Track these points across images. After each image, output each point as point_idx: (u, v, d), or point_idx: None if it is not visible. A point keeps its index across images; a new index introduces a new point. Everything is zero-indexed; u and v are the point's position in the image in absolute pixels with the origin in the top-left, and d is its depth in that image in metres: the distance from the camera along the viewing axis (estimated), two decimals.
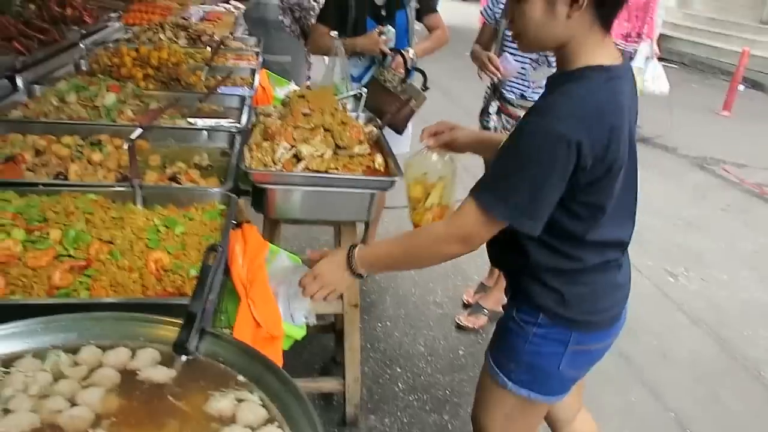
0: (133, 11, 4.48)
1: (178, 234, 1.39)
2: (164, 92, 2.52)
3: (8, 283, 1.18)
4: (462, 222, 1.28)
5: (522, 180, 1.20)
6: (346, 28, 2.93)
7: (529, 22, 1.24)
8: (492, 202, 1.23)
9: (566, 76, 1.27)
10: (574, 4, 1.18)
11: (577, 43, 1.24)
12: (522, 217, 1.23)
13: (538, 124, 1.19)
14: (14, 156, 1.72)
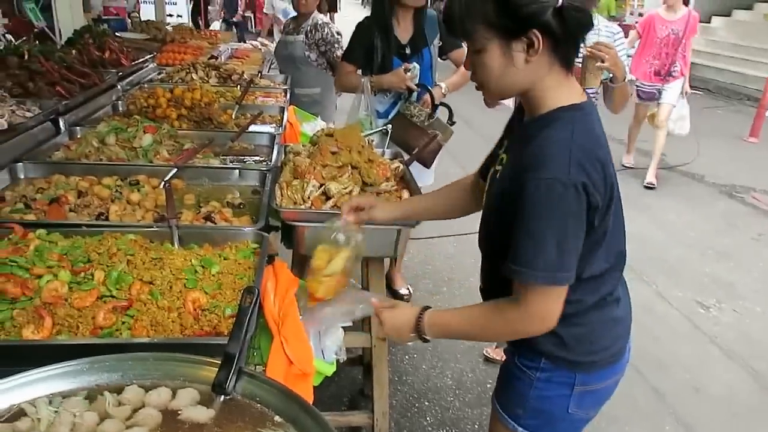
0: (167, 52, 4.67)
1: (214, 274, 1.44)
2: (197, 131, 2.62)
3: (55, 323, 1.24)
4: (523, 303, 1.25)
5: (545, 240, 1.19)
6: (372, 67, 3.01)
7: (489, 72, 1.23)
8: (528, 274, 1.21)
9: (541, 120, 1.26)
10: (530, 48, 1.18)
11: (542, 86, 1.25)
12: (557, 272, 1.21)
13: (539, 180, 1.17)
14: (58, 197, 1.81)
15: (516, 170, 1.24)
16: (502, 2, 1.16)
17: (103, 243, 1.49)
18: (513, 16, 1.16)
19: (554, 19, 1.15)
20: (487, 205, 1.42)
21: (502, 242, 1.29)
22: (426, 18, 2.98)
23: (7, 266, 1.34)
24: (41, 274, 1.33)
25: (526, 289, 1.23)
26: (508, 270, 1.23)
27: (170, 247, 1.56)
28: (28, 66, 2.75)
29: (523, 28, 1.16)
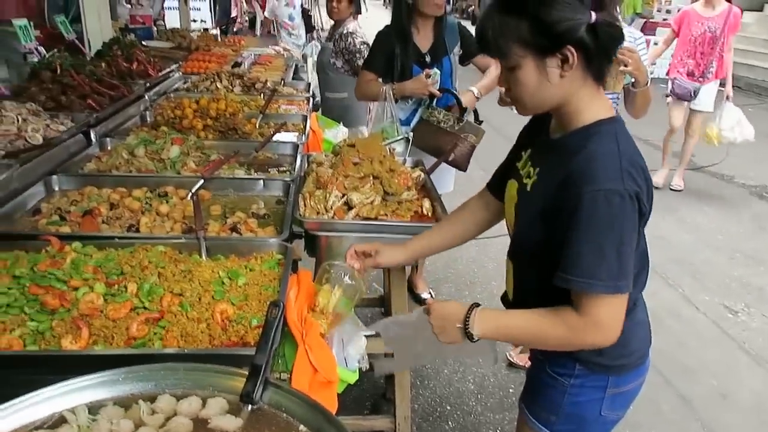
0: (192, 60, 4.77)
1: (240, 285, 1.49)
2: (222, 142, 2.69)
3: (92, 334, 1.30)
4: (586, 315, 1.25)
5: (604, 249, 1.20)
6: (393, 75, 3.04)
7: (524, 88, 1.26)
8: (590, 284, 1.22)
9: (582, 133, 1.28)
10: (565, 64, 1.21)
11: (576, 101, 1.27)
12: (618, 281, 1.22)
13: (596, 192, 1.19)
14: (91, 210, 1.88)
15: (559, 184, 1.26)
16: (536, 21, 1.18)
17: (135, 256, 1.55)
18: (547, 34, 1.19)
19: (588, 35, 1.18)
20: (521, 221, 1.42)
21: (543, 255, 1.31)
22: (446, 26, 3.00)
23: (47, 278, 1.40)
24: (78, 287, 1.40)
25: (588, 299, 1.24)
26: (563, 281, 1.24)
27: (198, 259, 1.61)
28: (60, 80, 2.85)
29: (558, 45, 1.19)
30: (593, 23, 1.18)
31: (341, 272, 1.67)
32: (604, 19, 1.20)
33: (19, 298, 1.36)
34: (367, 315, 3.37)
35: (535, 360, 1.57)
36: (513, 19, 1.20)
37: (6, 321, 1.31)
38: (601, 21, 1.19)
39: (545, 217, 1.30)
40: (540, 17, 1.18)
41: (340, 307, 1.63)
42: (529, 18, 1.19)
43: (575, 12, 1.17)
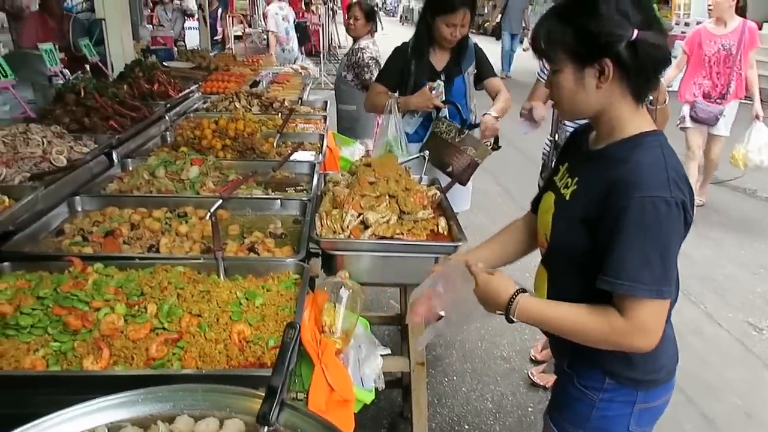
0: (211, 80, 4.86)
1: (257, 306, 1.51)
2: (241, 161, 2.73)
3: (112, 354, 1.32)
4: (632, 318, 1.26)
5: (649, 254, 1.22)
6: (405, 91, 3.07)
7: (563, 91, 1.32)
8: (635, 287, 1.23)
9: (627, 144, 1.31)
10: (601, 76, 1.26)
11: (616, 113, 1.31)
12: (662, 286, 1.24)
13: (643, 199, 1.21)
14: (113, 230, 1.92)
15: (604, 192, 1.28)
16: (580, 30, 1.24)
17: (155, 276, 1.58)
18: (587, 44, 1.24)
19: (627, 51, 1.21)
20: (558, 228, 1.43)
21: (581, 261, 1.34)
22: (463, 47, 3.01)
23: (69, 299, 1.44)
24: (100, 307, 1.43)
25: (632, 303, 1.25)
26: (606, 283, 1.26)
27: (216, 279, 1.63)
28: (84, 102, 2.92)
29: (596, 56, 1.24)
30: (633, 40, 1.21)
31: (335, 287, 1.71)
32: (647, 38, 1.22)
33: (43, 319, 1.39)
34: (384, 333, 3.37)
35: (562, 374, 1.57)
36: (562, 25, 1.27)
37: (30, 341, 1.34)
38: (643, 39, 1.21)
39: (587, 224, 1.33)
40: (584, 27, 1.24)
41: (347, 320, 1.65)
42: (575, 26, 1.25)
43: (617, 27, 1.21)
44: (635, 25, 1.21)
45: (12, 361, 1.28)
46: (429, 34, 2.94)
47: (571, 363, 1.52)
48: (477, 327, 3.58)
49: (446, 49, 3.00)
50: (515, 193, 5.72)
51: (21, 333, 1.36)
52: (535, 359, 3.27)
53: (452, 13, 2.81)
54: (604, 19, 1.21)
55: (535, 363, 3.26)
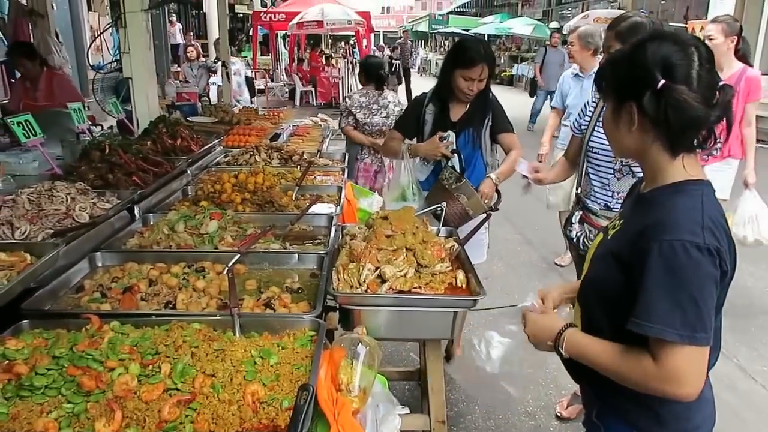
0: (233, 134, 4.97)
1: (272, 364, 1.48)
2: (260, 215, 2.75)
3: (125, 416, 1.30)
4: (663, 364, 1.23)
5: (681, 299, 1.20)
6: (421, 140, 3.13)
7: (606, 125, 1.41)
8: (665, 331, 1.20)
9: (668, 189, 1.32)
10: (630, 121, 1.30)
11: (654, 158, 1.32)
12: (696, 332, 1.20)
13: (673, 242, 1.20)
14: (131, 286, 1.93)
15: (637, 233, 1.29)
16: (617, 71, 1.34)
17: (170, 334, 1.57)
18: (619, 85, 1.33)
19: (651, 99, 1.24)
20: (594, 264, 1.48)
21: (611, 298, 1.35)
22: (482, 100, 3.06)
23: (84, 359, 1.43)
24: (114, 367, 1.41)
25: (663, 347, 1.22)
26: (636, 326, 1.24)
27: (232, 337, 1.62)
28: (108, 159, 3.00)
29: (625, 99, 1.30)
30: (658, 89, 1.22)
31: (352, 343, 1.68)
32: (674, 92, 1.21)
33: (57, 379, 1.38)
34: (405, 388, 3.28)
35: (590, 424, 1.55)
36: (613, 63, 1.37)
37: (44, 403, 1.33)
38: (668, 89, 1.21)
39: (618, 260, 1.33)
40: (620, 68, 1.32)
41: (364, 378, 1.62)
42: (617, 66, 1.34)
43: (645, 74, 1.24)
44: (665, 77, 1.22)
45: (25, 423, 1.27)
46: (448, 85, 3.00)
47: (599, 414, 1.50)
48: (500, 383, 3.47)
49: (464, 101, 3.05)
50: (535, 242, 5.66)
51: (35, 394, 1.35)
52: (560, 416, 3.15)
53: (470, 68, 2.87)
54: (635, 65, 1.27)
55: (560, 420, 3.14)
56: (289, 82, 16.78)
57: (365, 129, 4.63)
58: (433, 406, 2.30)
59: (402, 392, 3.19)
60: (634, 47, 1.31)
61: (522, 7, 29.00)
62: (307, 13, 13.61)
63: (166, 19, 13.85)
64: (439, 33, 33.30)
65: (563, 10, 24.30)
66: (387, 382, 1.83)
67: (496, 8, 31.99)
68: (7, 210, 2.23)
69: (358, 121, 4.63)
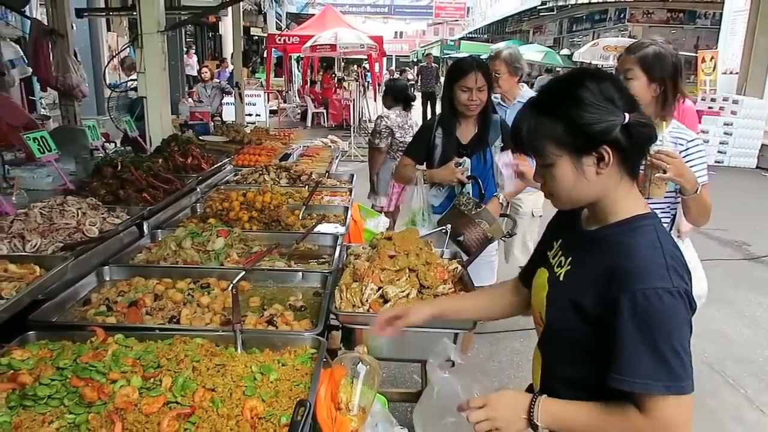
0: (243, 153, 5.04)
1: (272, 381, 1.50)
2: (266, 233, 2.78)
3: (125, 428, 1.32)
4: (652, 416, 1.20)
5: (661, 348, 1.18)
6: (432, 164, 3.16)
7: (560, 184, 1.29)
8: (650, 385, 1.18)
9: (620, 227, 1.29)
10: (601, 162, 1.24)
11: (613, 196, 1.29)
12: (682, 381, 1.18)
13: (645, 291, 1.17)
14: (137, 301, 1.96)
15: (600, 279, 1.25)
16: (571, 123, 1.23)
17: (173, 348, 1.59)
18: (583, 134, 1.23)
19: (622, 134, 1.22)
20: (553, 309, 1.39)
21: (574, 345, 1.31)
22: (490, 122, 3.10)
23: (87, 370, 1.45)
24: (116, 379, 1.44)
25: (651, 401, 1.19)
26: (619, 382, 1.20)
27: (233, 352, 1.64)
28: (120, 175, 3.06)
29: (594, 145, 1.23)
30: (626, 124, 1.22)
31: (352, 362, 1.68)
32: (637, 119, 1.23)
33: (60, 390, 1.40)
34: (407, 409, 3.26)
35: None
36: (548, 120, 1.25)
37: (46, 413, 1.35)
38: (634, 121, 1.23)
39: (579, 308, 1.29)
40: (574, 118, 1.22)
41: (364, 397, 1.61)
42: (564, 119, 1.24)
43: (609, 114, 1.22)
44: (623, 109, 1.23)
45: None
46: (452, 106, 3.05)
47: None
48: None
49: (471, 122, 3.09)
50: None
51: (38, 404, 1.37)
52: None
53: (465, 76, 2.93)
54: (594, 108, 1.21)
55: None
56: (302, 104, 16.99)
57: (400, 148, 4.78)
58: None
59: (404, 414, 3.17)
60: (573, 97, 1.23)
61: (533, 34, 29.32)
62: (320, 36, 13.84)
63: (182, 41, 14.13)
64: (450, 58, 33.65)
65: (574, 38, 24.55)
66: (387, 402, 1.83)
67: (507, 35, 32.36)
68: (20, 223, 2.27)
69: (395, 140, 4.86)
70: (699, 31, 19.69)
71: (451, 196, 3.14)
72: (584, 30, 23.61)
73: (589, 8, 22.04)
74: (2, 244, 2.13)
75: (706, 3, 19.06)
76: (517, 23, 31.01)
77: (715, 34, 16.11)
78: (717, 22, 16.15)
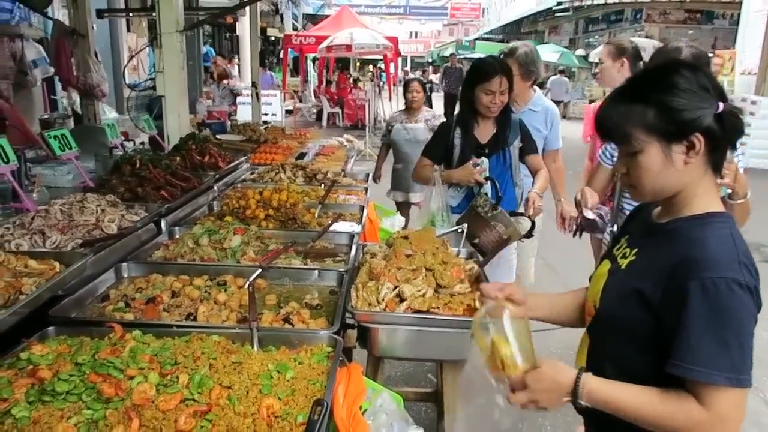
0: (260, 152, 5.05)
1: (288, 379, 1.49)
2: (282, 231, 2.79)
3: (142, 425, 1.32)
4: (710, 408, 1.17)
5: (727, 339, 1.16)
6: (451, 164, 3.14)
7: (645, 173, 1.28)
8: (713, 375, 1.16)
9: (695, 221, 1.28)
10: (691, 150, 1.23)
11: (693, 189, 1.28)
12: (741, 374, 1.16)
13: (716, 279, 1.16)
14: (154, 297, 1.97)
15: (666, 270, 1.24)
16: (663, 108, 1.23)
17: (190, 345, 1.59)
18: (675, 120, 1.23)
19: (715, 123, 1.21)
20: (609, 296, 1.38)
21: (628, 332, 1.30)
22: (509, 122, 3.08)
23: (105, 366, 1.45)
24: (134, 376, 1.44)
25: (711, 392, 1.17)
26: (680, 369, 1.19)
27: (250, 350, 1.63)
28: (138, 173, 3.08)
29: (685, 132, 1.23)
30: (720, 113, 1.21)
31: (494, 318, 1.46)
32: (729, 108, 1.23)
33: (79, 385, 1.41)
34: (421, 409, 3.25)
35: None
36: (639, 106, 1.25)
37: (65, 408, 1.36)
38: (728, 111, 1.22)
39: (640, 296, 1.28)
40: (668, 104, 1.22)
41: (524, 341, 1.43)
42: (657, 105, 1.23)
43: (703, 101, 1.22)
44: (717, 98, 1.22)
45: (45, 428, 1.29)
46: (471, 106, 3.02)
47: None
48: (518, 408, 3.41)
49: (490, 122, 3.06)
50: (559, 268, 5.58)
51: (56, 399, 1.37)
52: None
53: (489, 81, 2.91)
54: (689, 95, 1.21)
55: None
56: (317, 104, 17.04)
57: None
58: (449, 428, 2.27)
59: (418, 413, 3.15)
60: (667, 83, 1.23)
61: (549, 34, 29.08)
62: (336, 36, 13.88)
63: (200, 41, 14.24)
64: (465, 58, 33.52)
65: (590, 38, 24.30)
66: (403, 401, 1.82)
67: (522, 35, 32.12)
68: (40, 219, 2.30)
69: None
70: (716, 32, 19.40)
71: (469, 196, 3.11)
72: (600, 30, 23.36)
73: (605, 9, 21.80)
74: (23, 240, 2.15)
75: (723, 3, 18.78)
76: (533, 24, 30.78)
77: (732, 35, 15.86)
78: (735, 23, 15.89)
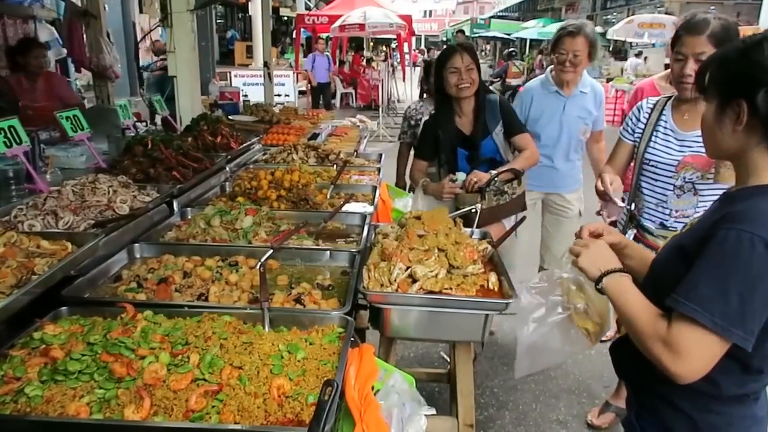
0: (272, 133, 5.03)
1: (299, 359, 1.48)
2: (294, 212, 2.77)
3: (153, 404, 1.32)
4: (674, 333, 1.22)
5: (729, 288, 1.16)
6: (440, 158, 3.17)
7: (705, 125, 1.36)
8: (699, 313, 1.17)
9: (754, 190, 1.27)
10: (737, 118, 1.24)
11: (752, 159, 1.27)
12: (732, 326, 1.16)
13: (740, 231, 1.16)
14: (166, 278, 1.97)
15: (706, 225, 1.27)
16: (728, 67, 1.28)
17: (201, 326, 1.59)
18: (730, 81, 1.27)
19: (764, 97, 1.19)
20: (659, 256, 1.47)
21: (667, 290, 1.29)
22: (487, 105, 3.04)
23: (117, 346, 1.46)
24: (145, 355, 1.44)
25: (684, 321, 1.19)
26: (672, 301, 1.22)
27: (261, 330, 1.63)
28: (150, 154, 3.07)
29: (734, 96, 1.24)
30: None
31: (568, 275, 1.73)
32: None
33: (91, 365, 1.41)
34: (434, 389, 3.26)
35: (629, 424, 1.53)
36: (720, 61, 1.31)
37: (77, 387, 1.36)
38: None
39: (682, 251, 1.30)
40: (732, 65, 1.27)
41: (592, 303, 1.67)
42: (727, 63, 1.28)
43: (762, 72, 1.20)
44: None
45: (58, 406, 1.30)
46: (445, 96, 3.05)
47: (638, 415, 1.48)
48: (532, 387, 3.41)
49: (470, 109, 3.07)
50: None
51: (69, 378, 1.38)
52: (592, 424, 3.06)
53: (451, 58, 2.93)
54: (751, 62, 1.22)
55: (591, 428, 3.06)
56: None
57: None
58: (462, 409, 2.27)
59: (431, 394, 3.16)
60: (750, 45, 1.24)
61: (566, 11, 28.53)
62: (349, 16, 13.70)
63: (213, 22, 14.17)
64: (480, 37, 32.98)
65: (608, 15, 23.80)
66: (414, 382, 1.80)
67: (538, 12, 31.57)
68: (53, 200, 2.30)
69: None
70: (739, 7, 18.86)
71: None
72: (619, 7, 22.85)
73: None
74: (36, 221, 2.16)
75: None
76: (549, 1, 30.22)
77: (756, 10, 15.41)
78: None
